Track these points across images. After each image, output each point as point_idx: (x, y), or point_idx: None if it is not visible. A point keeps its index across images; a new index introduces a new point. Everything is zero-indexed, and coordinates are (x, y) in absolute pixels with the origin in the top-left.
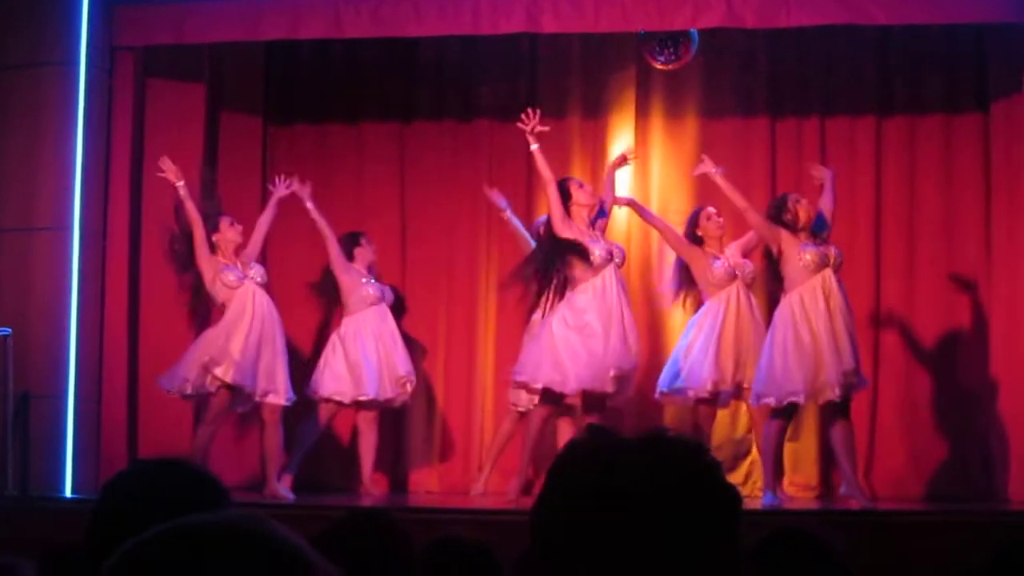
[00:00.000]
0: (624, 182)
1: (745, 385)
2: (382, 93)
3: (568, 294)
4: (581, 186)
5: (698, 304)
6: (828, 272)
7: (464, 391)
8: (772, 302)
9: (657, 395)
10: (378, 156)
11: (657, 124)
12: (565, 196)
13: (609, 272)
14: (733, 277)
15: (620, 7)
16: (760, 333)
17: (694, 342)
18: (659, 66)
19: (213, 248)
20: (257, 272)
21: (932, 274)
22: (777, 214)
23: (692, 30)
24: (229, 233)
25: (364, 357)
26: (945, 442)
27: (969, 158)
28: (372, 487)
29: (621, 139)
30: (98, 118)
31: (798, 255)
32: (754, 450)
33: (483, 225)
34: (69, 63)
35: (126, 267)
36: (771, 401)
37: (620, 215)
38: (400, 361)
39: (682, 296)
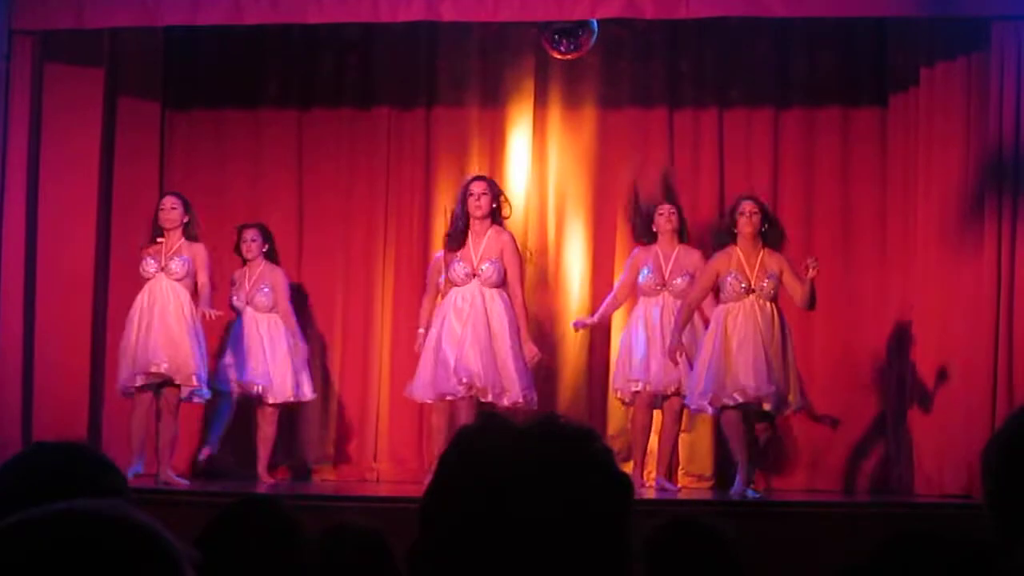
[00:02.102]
0: (522, 172)
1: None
2: (280, 79)
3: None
4: None
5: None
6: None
7: (360, 378)
8: None
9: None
10: (276, 142)
11: (555, 114)
12: None
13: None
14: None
15: None
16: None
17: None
18: (558, 56)
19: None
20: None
21: (828, 266)
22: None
23: (592, 20)
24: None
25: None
26: (843, 434)
27: (866, 150)
28: (267, 476)
29: (519, 129)
30: None
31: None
32: (652, 440)
33: (380, 213)
34: None
35: (22, 251)
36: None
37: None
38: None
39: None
